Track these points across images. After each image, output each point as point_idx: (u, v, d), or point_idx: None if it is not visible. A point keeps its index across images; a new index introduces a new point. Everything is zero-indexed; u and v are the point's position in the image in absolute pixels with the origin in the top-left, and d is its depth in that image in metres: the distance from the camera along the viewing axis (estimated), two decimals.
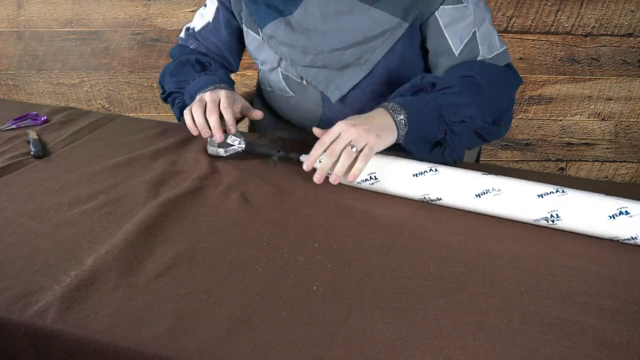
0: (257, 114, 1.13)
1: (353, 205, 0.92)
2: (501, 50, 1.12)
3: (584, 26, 2.02)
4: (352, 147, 0.92)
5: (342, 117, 1.19)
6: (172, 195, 0.93)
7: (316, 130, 1.00)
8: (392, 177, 0.93)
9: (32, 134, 1.14)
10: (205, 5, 1.28)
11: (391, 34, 1.12)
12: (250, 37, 1.22)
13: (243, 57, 1.34)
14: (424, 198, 0.92)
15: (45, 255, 0.78)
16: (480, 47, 1.10)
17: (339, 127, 0.95)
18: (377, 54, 1.13)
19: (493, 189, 0.87)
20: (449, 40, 1.10)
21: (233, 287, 0.73)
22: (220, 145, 1.06)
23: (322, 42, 1.13)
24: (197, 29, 1.28)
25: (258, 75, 1.32)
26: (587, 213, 0.83)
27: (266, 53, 1.21)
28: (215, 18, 1.25)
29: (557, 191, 0.85)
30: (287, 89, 1.22)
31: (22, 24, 2.12)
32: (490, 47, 1.10)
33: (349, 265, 0.77)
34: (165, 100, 1.26)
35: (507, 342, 0.65)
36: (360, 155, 0.92)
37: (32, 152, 1.07)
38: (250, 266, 0.77)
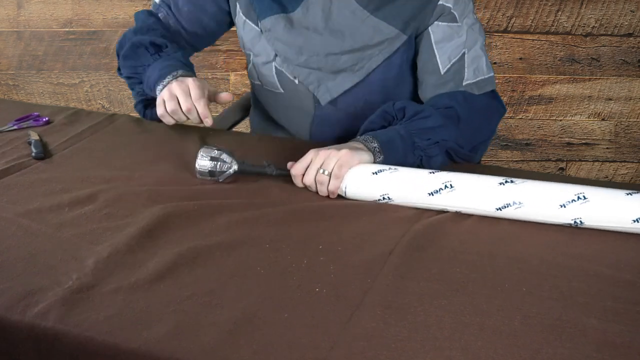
0: (225, 97, 1.09)
1: (357, 208, 0.92)
2: (487, 76, 1.11)
3: (584, 26, 2.02)
4: (323, 170, 0.93)
5: (335, 119, 1.19)
6: (173, 197, 0.93)
7: (289, 165, 0.99)
8: (406, 197, 0.92)
9: (34, 135, 1.14)
10: None
11: (389, 44, 1.12)
12: (248, 28, 1.19)
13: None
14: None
15: (46, 256, 0.78)
16: (466, 70, 1.10)
17: (310, 154, 0.96)
18: (372, 62, 1.13)
19: (514, 202, 0.86)
20: (438, 58, 1.11)
21: (235, 289, 0.73)
22: (211, 174, 0.99)
23: (319, 44, 1.13)
24: None
25: (247, 67, 1.29)
26: (610, 217, 0.84)
27: (262, 45, 1.19)
28: None
29: (578, 198, 0.84)
30: (278, 84, 1.21)
31: (22, 24, 2.12)
32: (476, 72, 1.10)
33: (351, 267, 0.77)
34: (120, 76, 1.24)
35: (508, 343, 0.65)
36: (332, 175, 0.93)
37: (33, 154, 1.07)
38: (253, 268, 0.77)
